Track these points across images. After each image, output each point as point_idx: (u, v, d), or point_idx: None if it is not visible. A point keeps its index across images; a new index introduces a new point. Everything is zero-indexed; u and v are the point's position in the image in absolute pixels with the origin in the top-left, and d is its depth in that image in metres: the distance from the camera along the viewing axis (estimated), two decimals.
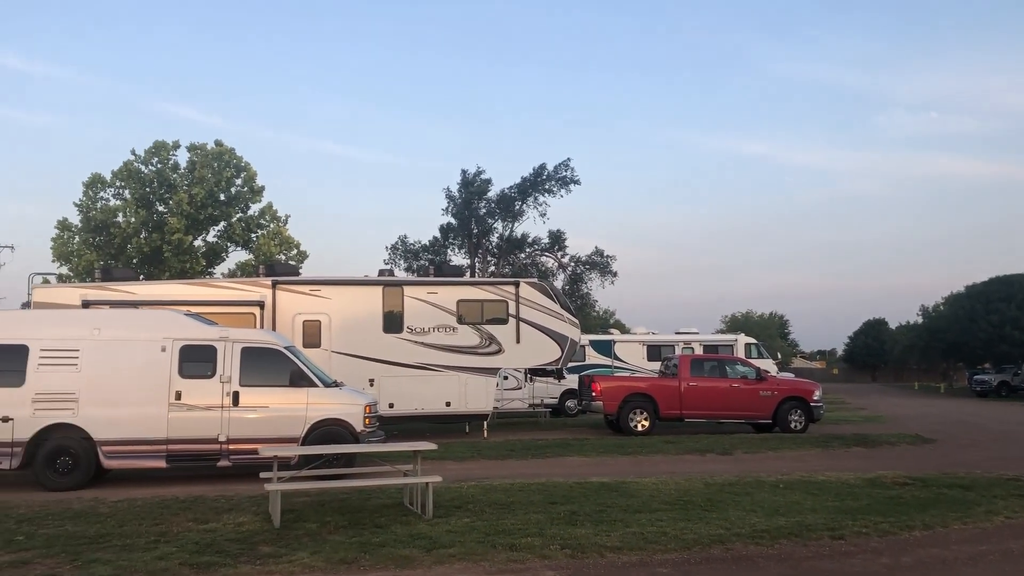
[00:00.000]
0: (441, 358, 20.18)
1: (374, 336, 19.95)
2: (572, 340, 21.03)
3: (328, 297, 20.02)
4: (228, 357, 13.30)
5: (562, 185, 53.81)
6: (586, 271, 54.99)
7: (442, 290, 20.63)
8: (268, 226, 44.43)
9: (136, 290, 19.28)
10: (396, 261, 54.03)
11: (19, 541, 8.58)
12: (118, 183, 42.14)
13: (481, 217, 54.24)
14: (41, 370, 12.79)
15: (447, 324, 20.33)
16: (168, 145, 42.87)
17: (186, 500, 10.97)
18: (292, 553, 7.89)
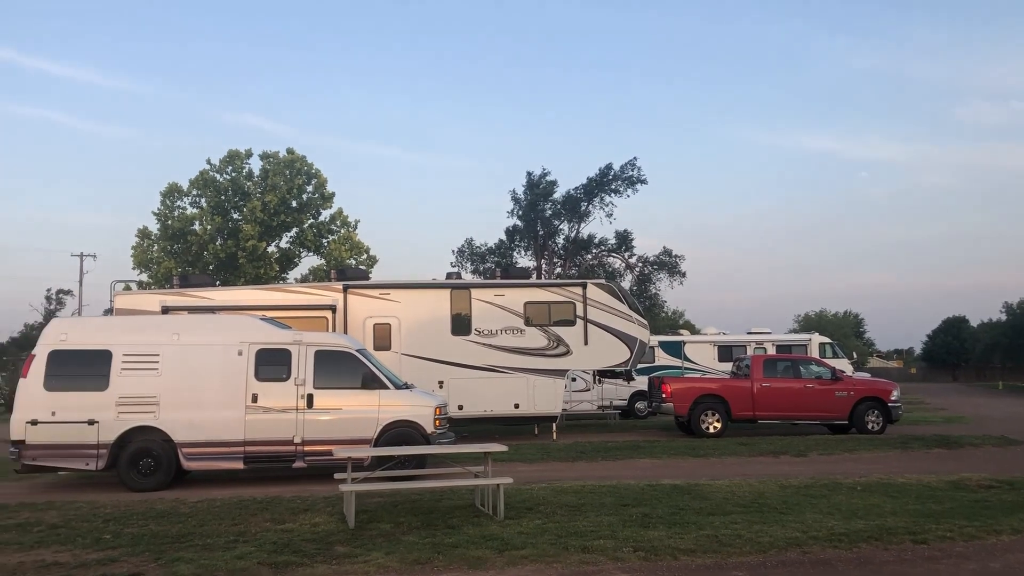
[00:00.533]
0: (509, 360, 20.24)
1: (443, 338, 20.12)
2: (641, 341, 20.88)
3: (397, 300, 20.25)
4: (302, 360, 13.56)
5: (628, 185, 53.47)
6: (654, 271, 54.51)
7: (509, 292, 20.68)
8: (338, 231, 45.19)
9: (213, 296, 19.80)
10: (463, 264, 54.38)
11: (106, 540, 8.88)
12: (194, 192, 43.35)
13: (547, 219, 54.23)
14: (124, 374, 13.22)
15: (514, 326, 20.38)
16: (242, 154, 43.94)
17: (263, 500, 11.21)
18: (367, 553, 8.00)
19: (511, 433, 20.88)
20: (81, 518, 10.19)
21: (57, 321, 15.05)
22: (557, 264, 54.72)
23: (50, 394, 13.06)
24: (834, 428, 21.25)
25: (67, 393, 13.06)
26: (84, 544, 8.68)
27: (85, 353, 13.38)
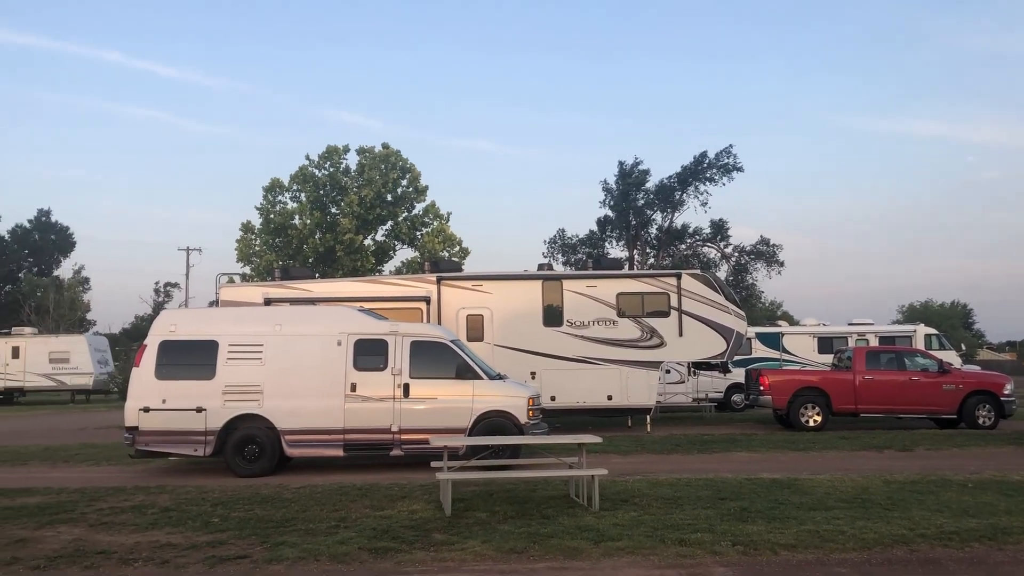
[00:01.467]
0: (602, 351, 20.15)
1: (535, 329, 20.16)
2: (738, 333, 20.50)
3: (490, 292, 20.40)
4: (398, 350, 13.80)
5: (724, 173, 52.50)
6: (751, 261, 53.41)
7: (602, 283, 20.58)
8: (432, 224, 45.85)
9: (312, 288, 20.35)
10: (554, 255, 54.41)
11: (215, 523, 9.24)
12: (295, 187, 44.64)
13: (639, 208, 53.72)
14: (230, 364, 13.70)
15: (607, 317, 20.28)
16: (339, 149, 44.99)
17: (362, 487, 11.47)
18: (463, 541, 8.10)
19: (604, 425, 20.81)
20: (191, 502, 10.62)
21: (166, 313, 15.68)
22: (650, 255, 54.18)
23: (161, 383, 13.64)
24: (941, 423, 20.45)
25: (177, 382, 13.62)
26: (194, 527, 9.05)
27: (193, 343, 13.91)
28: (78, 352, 41.12)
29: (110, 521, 9.40)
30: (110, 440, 19.31)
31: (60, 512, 9.97)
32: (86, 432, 23.07)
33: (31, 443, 19.39)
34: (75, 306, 61.21)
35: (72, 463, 15.58)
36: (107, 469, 14.71)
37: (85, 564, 7.53)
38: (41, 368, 40.60)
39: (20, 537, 8.64)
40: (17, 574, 7.30)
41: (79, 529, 9.02)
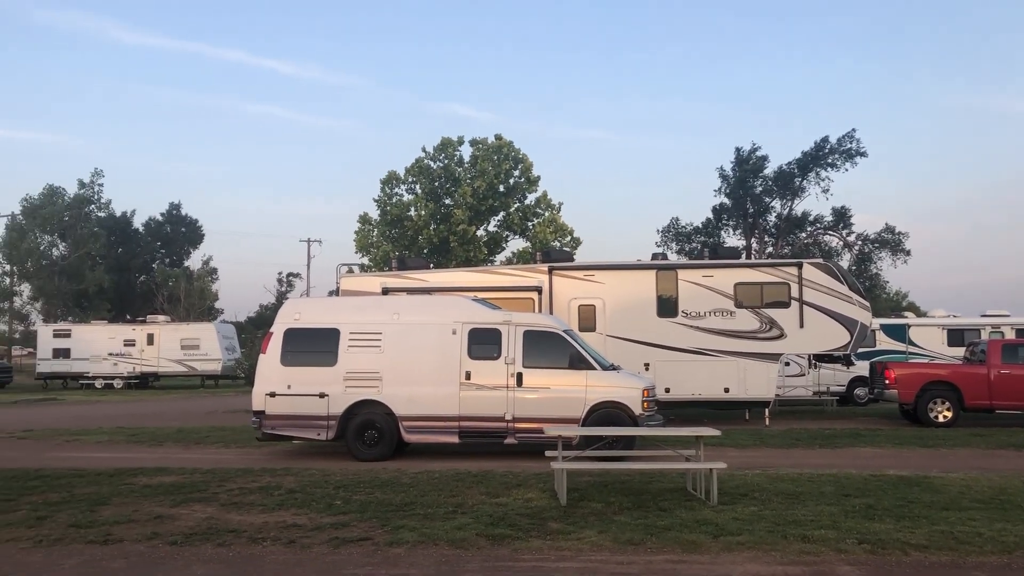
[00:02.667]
0: (718, 343, 19.75)
1: (648, 320, 19.93)
2: (862, 324, 19.73)
3: (602, 282, 20.27)
4: (512, 340, 13.88)
5: (847, 158, 50.64)
6: (875, 250, 51.37)
7: (718, 273, 20.16)
8: (543, 214, 45.96)
9: (427, 278, 20.69)
10: (668, 244, 53.70)
11: (337, 505, 9.52)
12: (410, 179, 45.52)
13: (757, 196, 52.40)
14: (350, 351, 14.08)
15: (724, 308, 19.86)
16: (453, 141, 45.62)
17: (477, 474, 11.60)
18: (580, 531, 8.09)
19: (720, 418, 20.38)
20: (314, 484, 10.98)
21: (291, 302, 16.25)
22: (768, 243, 52.82)
23: (286, 369, 14.15)
24: None
25: (300, 368, 14.10)
26: (318, 508, 9.35)
27: (316, 331, 14.36)
28: (207, 339, 43.15)
29: (240, 501, 9.81)
30: (237, 423, 20.18)
31: (194, 491, 10.47)
32: (215, 415, 24.20)
33: (166, 425, 20.48)
34: (204, 295, 64.25)
35: (203, 445, 16.37)
36: (235, 451, 15.37)
37: (218, 542, 7.88)
38: (173, 354, 42.81)
39: (158, 514, 9.11)
40: (156, 549, 7.70)
41: (211, 508, 9.45)
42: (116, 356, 42.96)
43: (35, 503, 9.75)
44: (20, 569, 7.04)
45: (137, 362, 42.99)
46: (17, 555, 7.52)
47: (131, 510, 9.30)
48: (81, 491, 10.55)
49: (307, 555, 7.43)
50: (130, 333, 43.81)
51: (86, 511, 9.24)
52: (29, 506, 9.58)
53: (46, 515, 9.05)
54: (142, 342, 43.12)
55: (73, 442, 17.10)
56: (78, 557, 7.42)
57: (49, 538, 8.06)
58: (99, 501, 9.82)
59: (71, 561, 7.29)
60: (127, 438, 17.60)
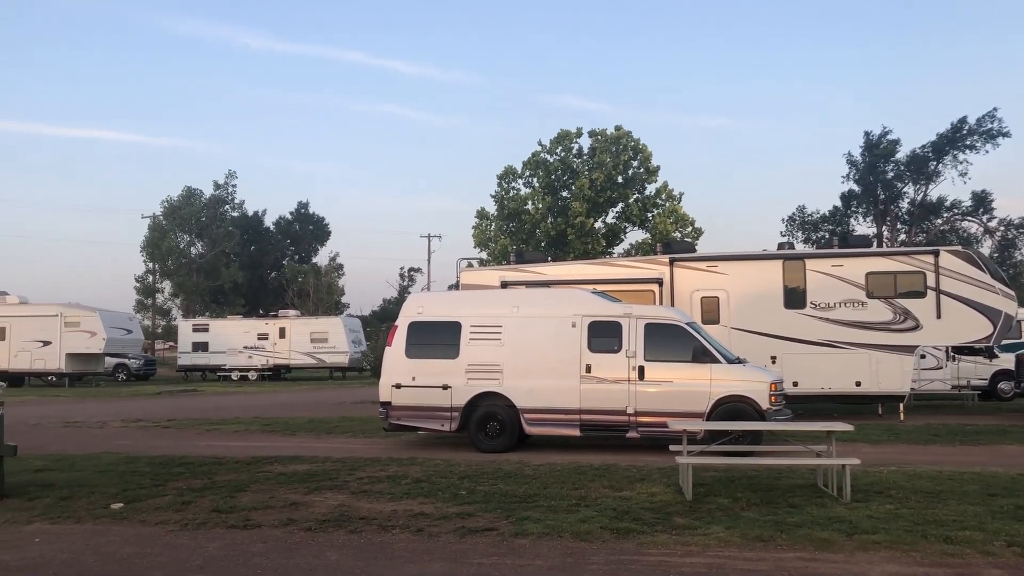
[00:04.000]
0: (848, 335, 19.02)
1: (775, 312, 19.37)
2: (1006, 314, 18.59)
3: (725, 273, 19.83)
4: (632, 333, 13.74)
5: (987, 139, 47.84)
6: (1020, 235, 48.32)
7: (848, 262, 19.40)
8: (663, 205, 45.38)
9: (546, 271, 20.73)
10: (793, 233, 52.08)
11: (462, 495, 9.67)
12: (527, 173, 45.73)
13: (888, 181, 50.17)
14: (472, 344, 14.26)
15: (855, 299, 19.09)
16: (571, 134, 45.57)
17: (600, 468, 11.56)
18: (706, 527, 7.94)
19: (851, 413, 19.66)
20: (439, 474, 11.18)
21: (414, 296, 16.61)
22: (901, 231, 50.52)
23: (410, 361, 14.47)
24: None
25: (424, 360, 14.39)
26: (444, 498, 9.51)
27: (438, 324, 14.62)
28: (335, 332, 44.60)
29: (369, 489, 10.09)
30: (364, 414, 20.77)
31: (325, 479, 10.84)
32: (343, 406, 24.99)
33: (298, 415, 21.28)
34: (331, 290, 66.54)
35: (333, 434, 16.93)
36: (363, 440, 15.83)
37: (349, 528, 8.13)
38: (303, 347, 44.43)
39: (293, 501, 9.48)
40: (292, 534, 8.01)
41: (343, 496, 9.75)
42: (250, 349, 44.92)
43: (180, 488, 10.30)
44: (169, 550, 7.45)
45: (270, 355, 44.83)
46: (166, 537, 7.97)
47: (268, 496, 9.71)
48: (221, 478, 11.08)
49: (434, 543, 7.58)
50: (263, 327, 45.73)
51: (227, 497, 9.70)
52: (175, 491, 10.13)
53: (190, 500, 9.55)
54: (274, 336, 44.94)
55: (213, 431, 17.99)
56: (220, 541, 7.80)
57: (194, 522, 8.50)
58: (238, 487, 10.29)
59: (214, 544, 7.66)
60: (262, 428, 18.39)
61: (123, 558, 7.20)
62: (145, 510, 9.06)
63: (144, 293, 67.95)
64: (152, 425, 19.47)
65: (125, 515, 8.86)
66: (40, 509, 9.20)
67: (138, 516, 8.79)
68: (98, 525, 8.49)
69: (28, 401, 28.73)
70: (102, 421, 20.59)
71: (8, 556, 7.32)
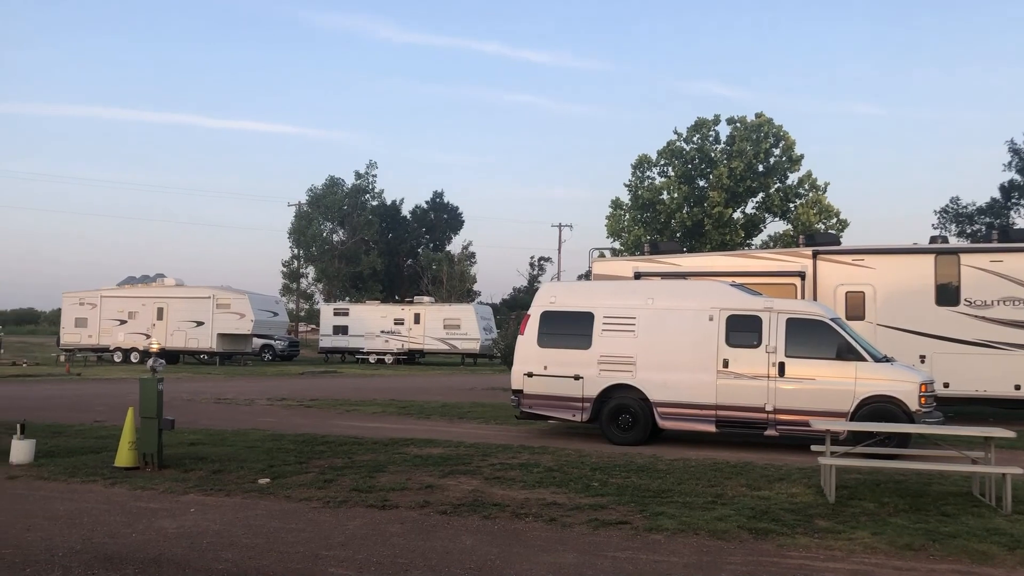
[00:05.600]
0: (1007, 335, 17.79)
1: (925, 309, 18.34)
2: None
3: (872, 267, 18.92)
4: (773, 327, 13.31)
5: None
6: None
7: (1009, 258, 18.14)
8: (806, 195, 43.80)
9: (681, 262, 20.34)
10: (946, 226, 49.23)
11: (594, 487, 9.61)
12: (662, 162, 45.04)
13: None
14: (604, 335, 14.15)
15: (1015, 296, 17.85)
16: (708, 121, 44.55)
17: (736, 465, 11.27)
18: (851, 531, 7.60)
19: (1009, 418, 18.39)
20: (571, 464, 11.16)
21: (547, 285, 16.62)
22: None
23: (542, 350, 14.50)
24: None
25: (556, 350, 14.39)
26: (576, 489, 9.49)
27: (571, 314, 14.58)
28: (467, 320, 45.33)
29: (502, 476, 10.18)
30: (495, 400, 21.02)
31: (459, 464, 11.01)
32: (475, 392, 25.38)
33: (431, 400, 21.75)
34: (464, 278, 67.56)
35: (465, 419, 17.21)
36: (494, 427, 16.01)
37: (483, 514, 8.22)
38: (437, 333, 45.37)
39: (428, 483, 9.67)
40: (428, 516, 8.17)
41: (476, 481, 9.88)
42: (387, 334, 46.23)
43: (322, 467, 10.69)
44: (312, 526, 7.74)
45: (405, 339, 46.01)
46: (310, 513, 8.28)
47: (404, 478, 9.94)
48: (360, 458, 11.43)
49: (568, 534, 7.56)
50: (399, 313, 46.97)
51: (365, 477, 9.99)
52: (317, 469, 10.52)
53: (332, 478, 9.89)
54: (409, 321, 46.08)
55: (352, 412, 18.61)
56: (360, 519, 8.04)
57: (335, 500, 8.80)
58: (376, 468, 10.59)
59: (355, 523, 7.91)
60: (398, 410, 18.88)
61: (270, 531, 7.52)
62: (290, 486, 9.45)
63: (289, 277, 70.95)
64: (296, 404, 20.33)
65: (271, 490, 9.27)
66: (194, 481, 9.75)
67: (283, 492, 9.18)
68: (247, 499, 8.91)
69: (182, 378, 30.54)
70: (250, 399, 21.67)
71: (167, 523, 7.78)
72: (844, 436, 11.86)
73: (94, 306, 41.86)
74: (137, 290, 42.41)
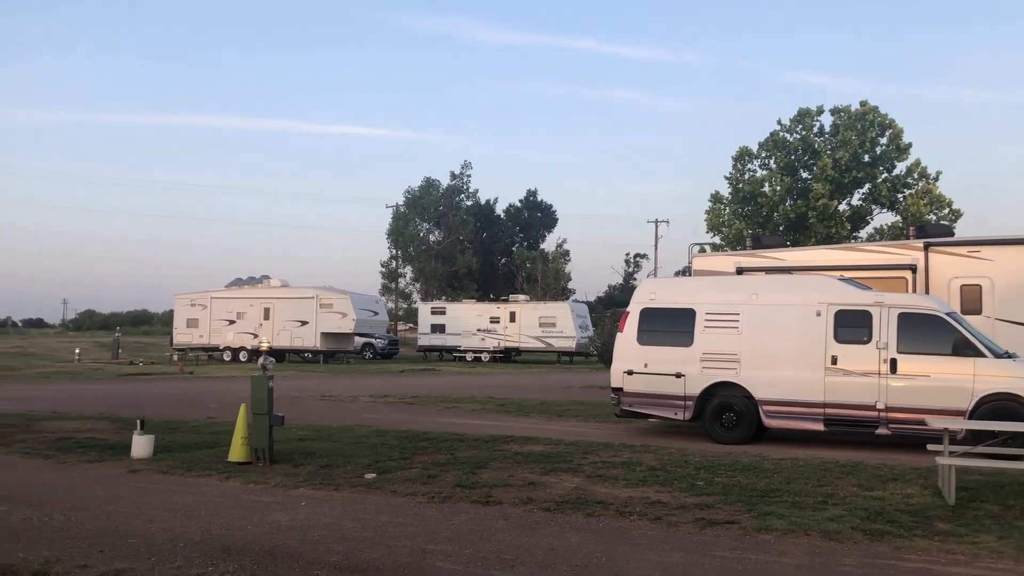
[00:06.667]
0: None
1: None
2: None
3: (990, 259, 17.98)
4: (884, 323, 12.83)
5: None
6: None
7: None
8: (916, 185, 42.10)
9: (785, 256, 19.77)
10: None
11: (699, 486, 9.44)
12: (764, 154, 44.02)
13: None
14: (706, 332, 13.90)
15: None
16: (812, 111, 43.32)
17: (847, 465, 10.91)
18: (974, 535, 7.25)
19: None
20: (674, 463, 10.99)
21: (646, 281, 16.46)
22: None
23: (642, 347, 14.35)
24: None
25: (657, 347, 14.21)
26: (680, 487, 9.34)
27: (672, 311, 14.37)
28: (563, 317, 45.29)
29: (604, 474, 10.11)
30: (594, 398, 20.92)
31: (560, 461, 10.98)
32: (572, 390, 25.32)
33: (529, 397, 21.82)
34: (558, 276, 67.59)
35: (564, 417, 17.18)
36: (593, 425, 15.94)
37: (587, 512, 8.18)
38: (532, 331, 45.49)
39: (530, 480, 9.68)
40: (532, 513, 8.18)
41: (578, 479, 9.84)
42: (483, 332, 46.61)
43: (426, 463, 10.83)
44: (419, 521, 7.84)
45: (501, 337, 46.29)
46: (415, 508, 8.40)
47: (506, 475, 9.98)
48: (462, 454, 11.53)
49: (674, 533, 7.45)
50: (495, 311, 47.30)
51: (468, 473, 10.08)
52: (421, 465, 10.67)
53: (436, 474, 10.01)
54: (505, 319, 46.34)
55: (452, 409, 18.82)
56: (465, 515, 8.10)
57: (440, 495, 8.89)
58: (478, 464, 10.66)
59: (460, 518, 7.98)
60: (496, 408, 18.99)
61: (378, 525, 7.65)
62: (395, 481, 9.61)
63: (388, 277, 72.33)
64: (397, 401, 20.69)
65: (378, 485, 9.44)
66: (304, 475, 10.01)
67: (389, 487, 9.34)
68: (354, 493, 9.10)
69: (289, 376, 31.47)
70: (353, 396, 22.16)
71: (280, 516, 8.01)
72: (962, 435, 11.33)
73: (204, 307, 43.52)
74: (244, 291, 43.90)
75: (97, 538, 7.11)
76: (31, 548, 6.74)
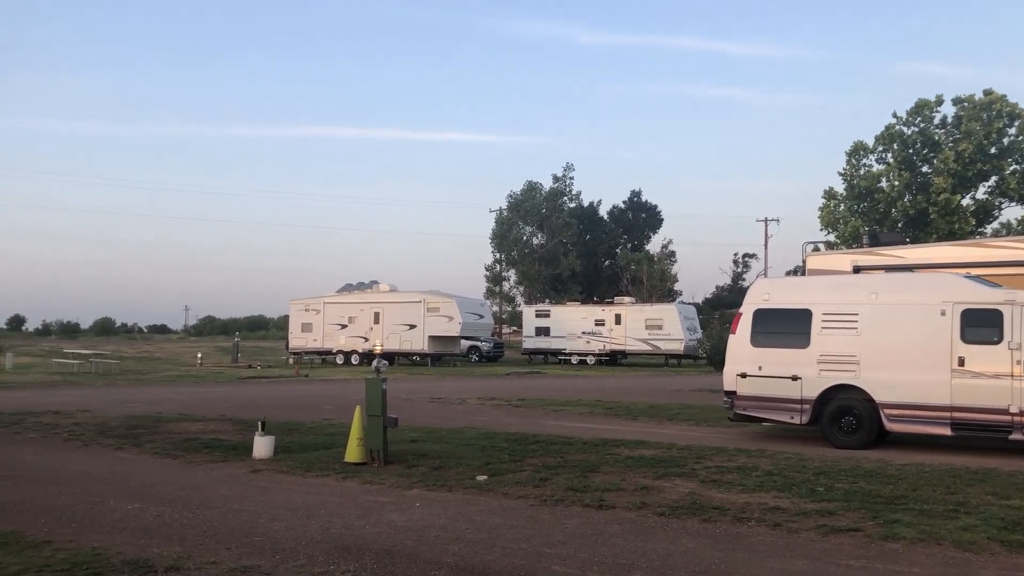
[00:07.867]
0: None
1: None
2: None
3: None
4: (1017, 322, 12.14)
5: None
6: None
7: None
8: None
9: (904, 254, 18.95)
10: None
11: (819, 492, 9.13)
12: (880, 148, 42.41)
13: None
14: (823, 333, 13.46)
15: None
16: (931, 103, 41.47)
17: (977, 472, 10.37)
18: None
19: None
20: (792, 468, 10.67)
21: (759, 282, 16.05)
22: None
23: (756, 349, 14.00)
24: None
25: (771, 349, 13.85)
26: (799, 493, 9.05)
27: (786, 312, 13.99)
28: (670, 320, 44.67)
29: (718, 479, 9.89)
30: (705, 402, 20.53)
31: (672, 466, 10.80)
32: (682, 393, 24.92)
33: (638, 400, 21.59)
34: (664, 277, 66.71)
35: (675, 421, 16.91)
36: (705, 429, 15.62)
37: (703, 517, 8.00)
38: (638, 334, 45.04)
39: (643, 485, 9.55)
40: (646, 517, 8.06)
41: (692, 484, 9.65)
42: (588, 335, 46.43)
43: (536, 465, 10.82)
44: (532, 523, 7.84)
45: (607, 340, 46.01)
46: (527, 510, 8.40)
47: (618, 479, 9.88)
48: (573, 457, 11.48)
49: (795, 540, 7.21)
50: (600, 313, 47.05)
51: (579, 476, 10.02)
52: (531, 467, 10.67)
53: (547, 477, 9.99)
54: (610, 322, 46.04)
55: (559, 412, 18.79)
56: (578, 518, 8.06)
57: (552, 498, 8.87)
58: (589, 468, 10.59)
59: (573, 521, 7.93)
60: (604, 411, 18.86)
61: (492, 527, 7.68)
62: (506, 483, 9.64)
63: (492, 281, 72.87)
64: (504, 403, 20.79)
65: (490, 487, 9.48)
66: (418, 476, 10.15)
67: (501, 489, 9.37)
68: (467, 495, 9.17)
69: (399, 378, 32.05)
70: (461, 398, 22.40)
71: (396, 516, 8.14)
72: None
73: (318, 312, 44.80)
74: (355, 296, 45.00)
75: (224, 535, 7.38)
76: (164, 544, 7.04)
